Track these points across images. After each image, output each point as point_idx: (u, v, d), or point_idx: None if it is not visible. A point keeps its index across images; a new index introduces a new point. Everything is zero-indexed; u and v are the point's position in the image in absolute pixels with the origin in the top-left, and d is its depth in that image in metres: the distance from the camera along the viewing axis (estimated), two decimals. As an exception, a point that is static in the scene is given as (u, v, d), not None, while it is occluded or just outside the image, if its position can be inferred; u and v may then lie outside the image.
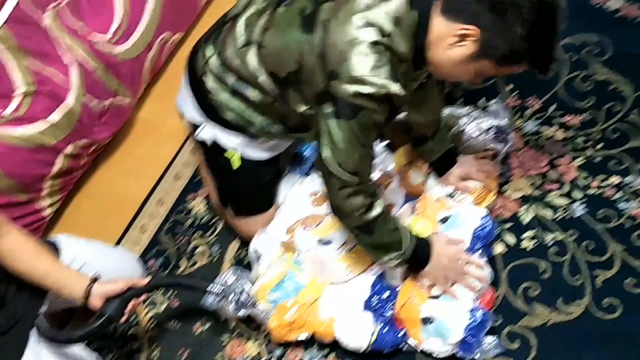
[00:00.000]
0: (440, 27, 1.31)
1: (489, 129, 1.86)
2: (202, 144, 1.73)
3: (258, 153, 1.72)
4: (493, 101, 1.99)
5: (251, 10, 1.54)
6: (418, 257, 1.57)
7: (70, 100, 1.92)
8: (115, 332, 1.84)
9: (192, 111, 1.69)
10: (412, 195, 1.86)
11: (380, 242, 1.53)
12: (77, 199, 2.17)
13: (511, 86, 2.13)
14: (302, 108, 1.50)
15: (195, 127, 1.71)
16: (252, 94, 1.55)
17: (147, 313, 1.86)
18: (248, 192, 1.79)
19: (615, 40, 2.19)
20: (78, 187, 2.18)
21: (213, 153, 1.72)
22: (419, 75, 1.50)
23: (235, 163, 1.71)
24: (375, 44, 1.29)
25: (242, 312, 1.59)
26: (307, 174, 1.89)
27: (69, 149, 1.96)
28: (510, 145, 1.88)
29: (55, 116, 1.89)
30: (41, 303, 1.47)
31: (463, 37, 1.28)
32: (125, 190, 2.16)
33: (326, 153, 1.39)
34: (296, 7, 1.43)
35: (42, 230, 2.01)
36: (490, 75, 1.38)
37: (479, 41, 1.27)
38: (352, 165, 1.39)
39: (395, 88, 1.30)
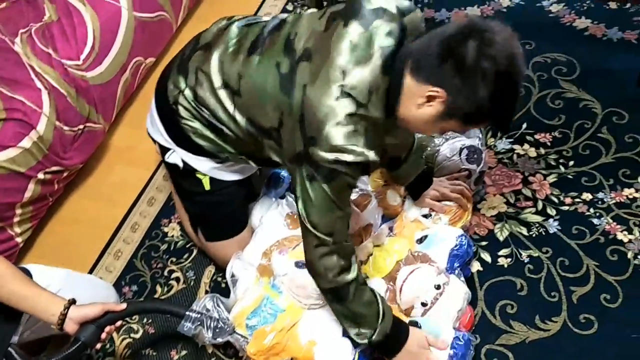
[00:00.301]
0: (411, 87, 1.34)
1: (462, 149, 1.87)
2: (172, 167, 1.72)
3: (229, 175, 1.72)
4: (465, 121, 2.00)
5: (223, 45, 1.54)
6: (391, 340, 1.52)
7: (41, 127, 1.90)
8: (90, 360, 1.81)
9: (161, 136, 1.69)
10: (390, 216, 1.86)
11: (353, 312, 1.48)
12: (50, 225, 2.15)
13: (483, 105, 2.15)
14: (275, 159, 1.55)
15: (165, 150, 1.70)
16: (227, 130, 1.56)
17: (122, 340, 1.83)
18: (220, 214, 1.78)
19: (584, 58, 2.24)
20: (50, 213, 2.15)
21: (184, 175, 1.71)
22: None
23: (207, 185, 1.71)
24: (352, 115, 1.31)
25: (219, 339, 1.57)
26: (282, 197, 1.88)
27: (41, 175, 1.93)
28: (483, 164, 1.90)
29: (26, 143, 1.87)
30: (13, 331, 1.44)
31: (431, 99, 1.31)
32: (99, 216, 2.14)
33: (302, 207, 1.40)
34: (271, 58, 1.44)
35: (14, 258, 1.98)
36: (454, 131, 1.39)
37: (446, 103, 1.30)
38: (325, 226, 1.39)
39: (372, 155, 1.34)
